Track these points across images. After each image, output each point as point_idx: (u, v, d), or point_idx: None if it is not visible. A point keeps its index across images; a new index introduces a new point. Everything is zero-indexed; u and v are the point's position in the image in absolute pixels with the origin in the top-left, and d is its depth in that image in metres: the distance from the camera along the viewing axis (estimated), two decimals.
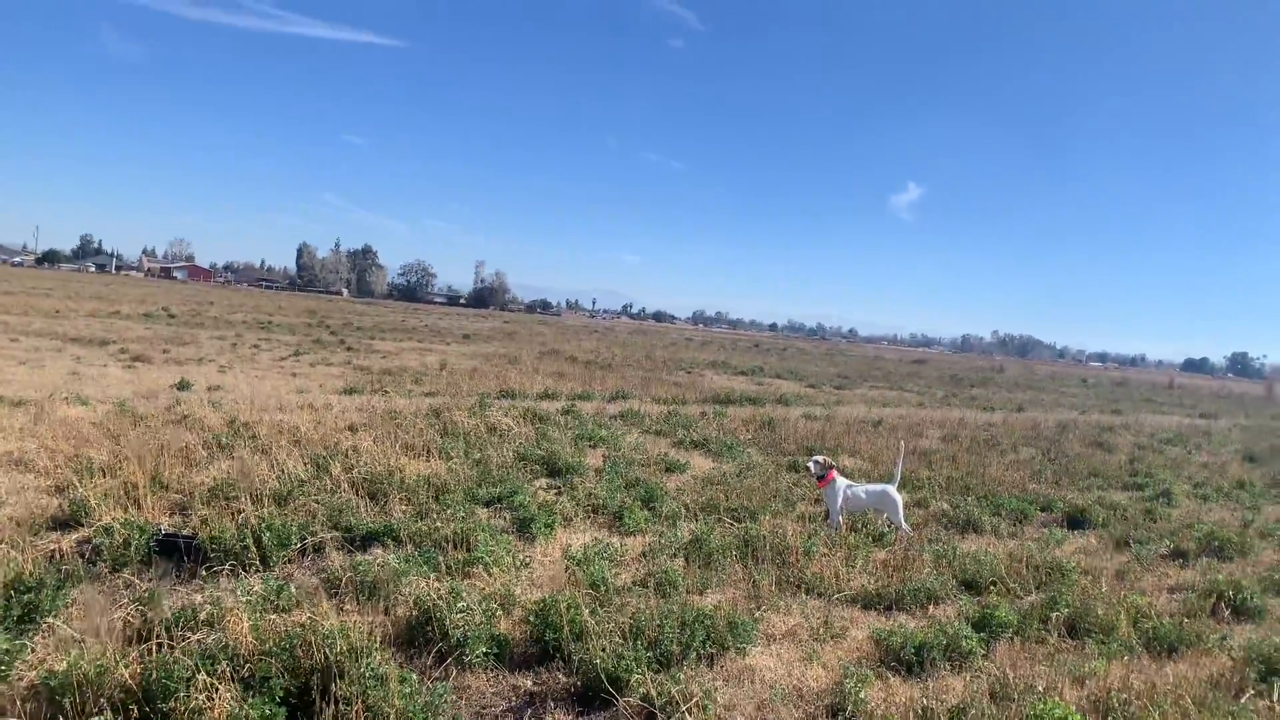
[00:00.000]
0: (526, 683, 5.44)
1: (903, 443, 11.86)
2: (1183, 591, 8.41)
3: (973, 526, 10.38)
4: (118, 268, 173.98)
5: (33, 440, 10.60)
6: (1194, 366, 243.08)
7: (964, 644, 6.19)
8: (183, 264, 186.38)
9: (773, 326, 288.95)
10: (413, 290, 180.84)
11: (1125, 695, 5.23)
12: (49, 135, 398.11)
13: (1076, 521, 11.20)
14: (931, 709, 4.81)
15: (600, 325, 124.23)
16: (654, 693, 4.96)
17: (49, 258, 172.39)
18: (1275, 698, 5.57)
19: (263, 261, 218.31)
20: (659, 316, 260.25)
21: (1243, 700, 5.56)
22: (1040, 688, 5.39)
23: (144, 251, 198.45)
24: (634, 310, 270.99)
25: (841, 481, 9.71)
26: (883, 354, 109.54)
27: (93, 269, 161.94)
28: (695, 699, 4.86)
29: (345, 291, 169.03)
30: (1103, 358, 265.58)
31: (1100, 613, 7.03)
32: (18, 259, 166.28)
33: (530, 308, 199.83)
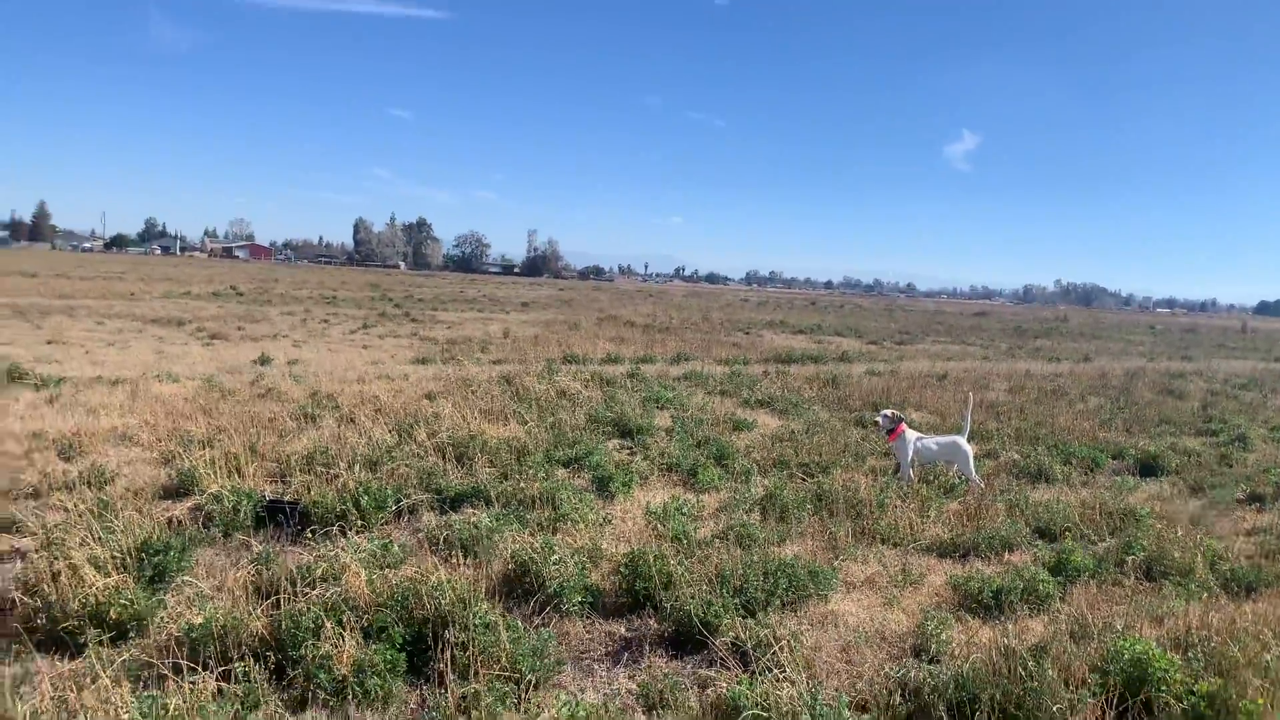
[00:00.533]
0: (620, 629, 5.75)
1: (970, 394, 11.91)
2: (1260, 535, 8.40)
3: (1044, 476, 10.43)
4: (182, 249, 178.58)
5: (133, 416, 11.20)
6: (1268, 309, 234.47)
7: (1041, 587, 6.34)
8: (243, 243, 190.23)
9: (828, 284, 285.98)
10: (468, 261, 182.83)
11: (1205, 632, 5.35)
12: (111, 124, 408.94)
13: (1149, 468, 11.16)
14: (1013, 648, 4.98)
15: (654, 289, 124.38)
16: (743, 636, 5.23)
17: (117, 242, 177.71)
18: None
19: (320, 238, 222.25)
20: (712, 278, 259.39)
21: None
22: (1119, 626, 5.53)
23: (206, 232, 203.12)
24: (686, 273, 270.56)
25: (911, 434, 9.82)
26: (943, 308, 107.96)
27: (159, 251, 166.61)
28: (783, 641, 5.10)
29: (402, 265, 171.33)
30: (1170, 304, 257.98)
31: (1176, 556, 7.10)
32: (87, 245, 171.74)
33: (583, 274, 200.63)
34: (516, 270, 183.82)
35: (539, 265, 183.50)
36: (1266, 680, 4.53)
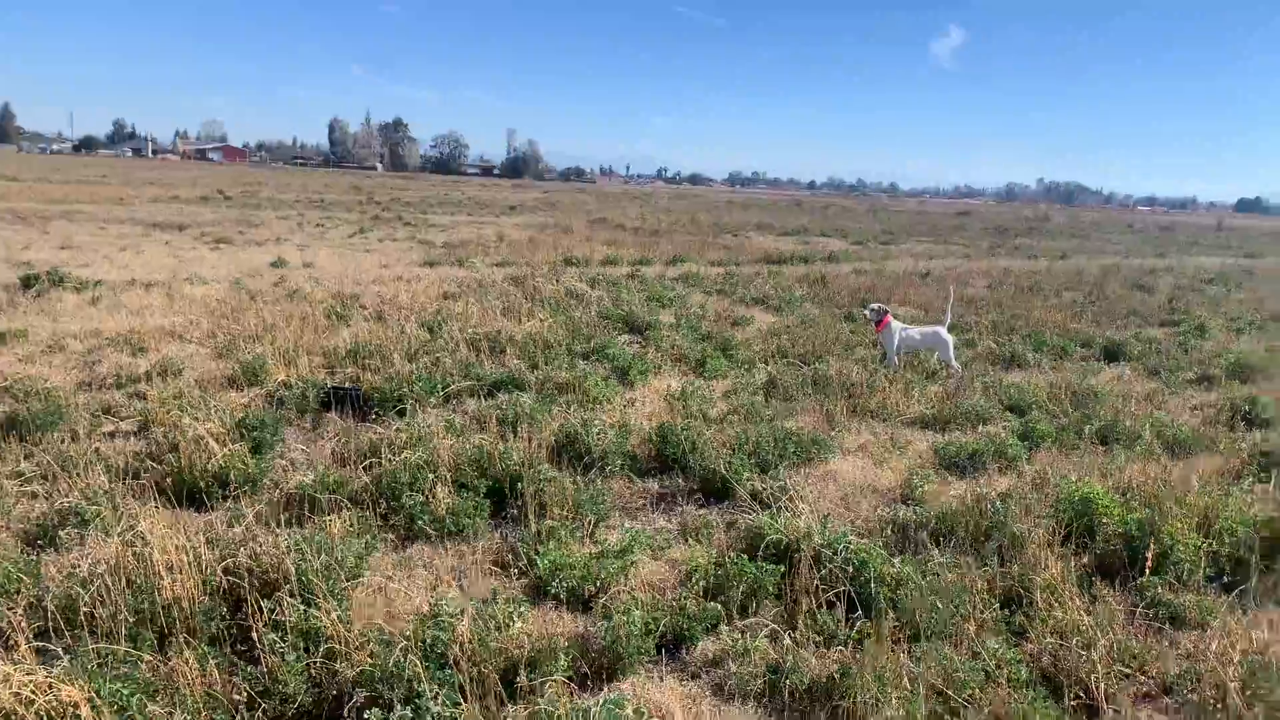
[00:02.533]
0: (654, 486, 6.81)
1: (952, 287, 12.90)
2: (1205, 410, 9.53)
3: (1017, 362, 11.53)
4: (154, 151, 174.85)
5: (176, 316, 12.03)
6: (1248, 206, 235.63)
7: (1010, 450, 7.43)
8: (217, 145, 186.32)
9: (811, 184, 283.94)
10: (446, 163, 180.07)
11: (1143, 479, 6.46)
12: (76, 21, 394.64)
13: (1113, 355, 12.27)
14: (984, 493, 6.08)
15: (638, 191, 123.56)
16: (760, 488, 6.29)
17: (86, 144, 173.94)
18: (1272, 483, 6.71)
19: (295, 139, 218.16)
20: (695, 179, 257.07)
21: (1242, 484, 6.75)
22: (1073, 478, 6.61)
23: (178, 134, 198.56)
24: (669, 174, 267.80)
25: (896, 325, 10.83)
26: (926, 207, 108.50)
27: (129, 154, 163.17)
28: (794, 490, 6.17)
29: (379, 166, 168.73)
30: (1151, 202, 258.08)
31: (1128, 425, 8.22)
32: (55, 147, 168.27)
33: (564, 175, 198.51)
34: (496, 172, 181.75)
35: (519, 167, 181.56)
36: (1183, 509, 5.64)
